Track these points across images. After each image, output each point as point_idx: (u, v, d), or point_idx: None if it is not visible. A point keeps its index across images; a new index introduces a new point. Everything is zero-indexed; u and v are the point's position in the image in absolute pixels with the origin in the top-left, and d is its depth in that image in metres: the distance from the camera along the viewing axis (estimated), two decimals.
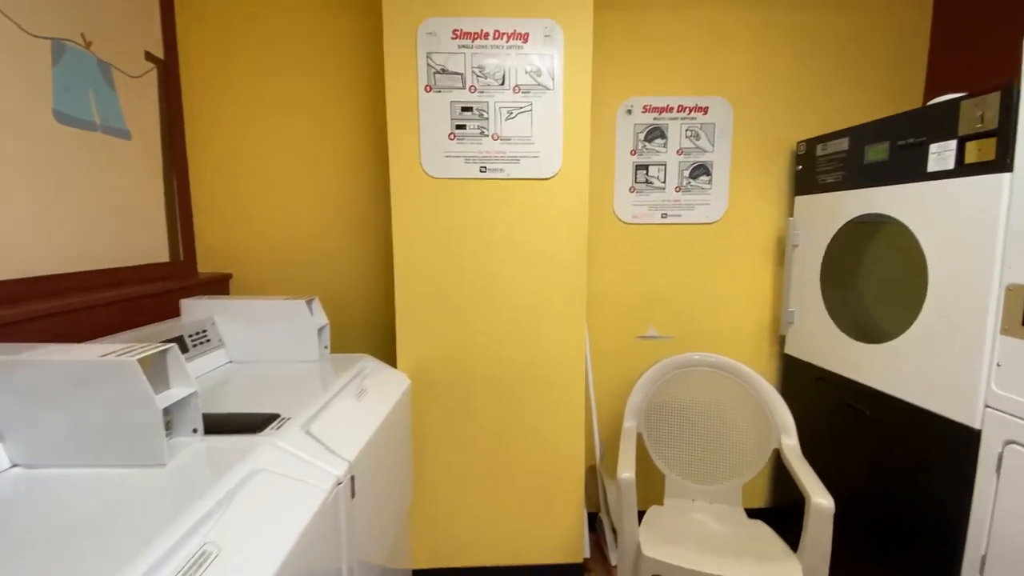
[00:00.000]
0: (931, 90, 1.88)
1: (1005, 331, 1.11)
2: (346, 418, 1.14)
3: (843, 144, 1.61)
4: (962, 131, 1.20)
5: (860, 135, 1.53)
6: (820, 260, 1.71)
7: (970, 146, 1.18)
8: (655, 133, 1.85)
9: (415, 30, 1.48)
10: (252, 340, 1.47)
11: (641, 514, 1.53)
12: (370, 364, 1.50)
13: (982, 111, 1.14)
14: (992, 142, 1.13)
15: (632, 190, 1.88)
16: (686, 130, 1.85)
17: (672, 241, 1.92)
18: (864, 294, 1.61)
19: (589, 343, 1.91)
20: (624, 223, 1.91)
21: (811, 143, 1.76)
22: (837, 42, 1.87)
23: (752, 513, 1.61)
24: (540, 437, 1.65)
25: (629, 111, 1.84)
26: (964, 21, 1.76)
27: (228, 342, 1.47)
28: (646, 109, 1.84)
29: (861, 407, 1.54)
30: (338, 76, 1.81)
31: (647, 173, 1.87)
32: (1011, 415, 1.10)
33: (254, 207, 1.86)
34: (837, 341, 1.63)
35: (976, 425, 1.18)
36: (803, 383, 1.82)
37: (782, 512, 1.96)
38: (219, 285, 1.83)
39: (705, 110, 1.85)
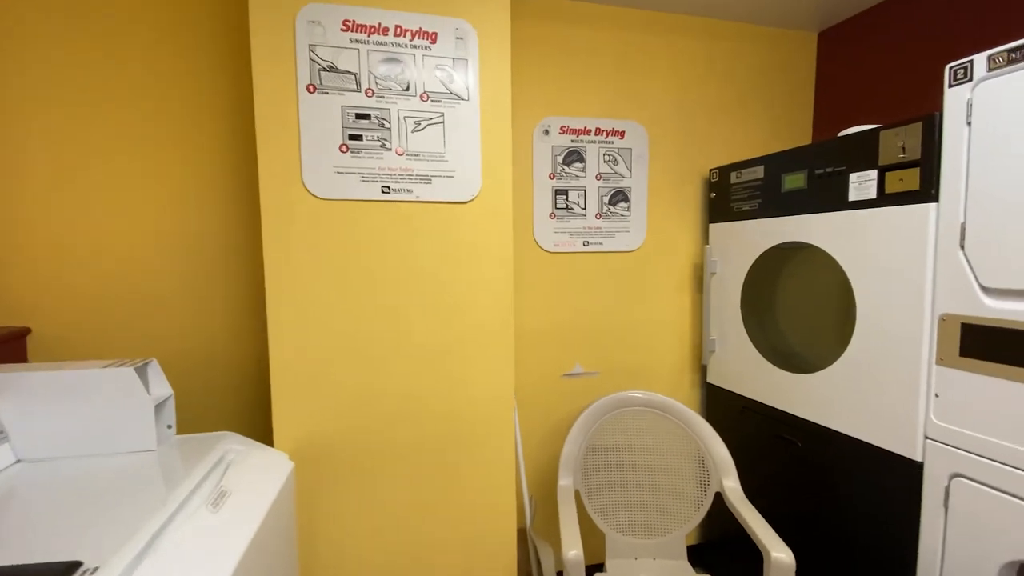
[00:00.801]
0: (818, 126, 2.00)
1: (941, 361, 1.10)
2: (193, 548, 0.77)
3: (758, 172, 1.60)
4: (883, 161, 1.20)
5: (776, 164, 1.53)
6: (740, 288, 1.68)
7: (891, 176, 1.19)
8: (574, 156, 1.72)
9: (294, 16, 1.17)
10: (55, 427, 1.02)
11: None
12: (235, 447, 1.12)
13: (903, 141, 1.15)
14: (915, 172, 1.13)
15: (552, 216, 1.72)
16: (604, 154, 1.75)
17: (595, 270, 1.79)
18: (788, 322, 1.60)
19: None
20: (545, 251, 1.74)
21: (724, 171, 1.75)
22: (748, 73, 1.91)
23: (688, 552, 1.49)
24: (470, 507, 1.37)
25: (546, 131, 1.69)
26: (843, 59, 1.90)
27: (15, 432, 1.00)
28: (564, 130, 1.71)
29: (792, 438, 1.50)
30: (189, 66, 1.42)
31: (567, 198, 1.73)
32: (954, 447, 1.08)
33: (64, 234, 1.37)
34: (762, 370, 1.59)
35: (918, 458, 1.15)
36: (728, 413, 1.77)
37: (715, 545, 1.89)
38: (9, 346, 1.30)
39: (622, 134, 1.76)
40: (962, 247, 1.05)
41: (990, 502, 1.01)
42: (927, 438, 1.13)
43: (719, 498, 1.46)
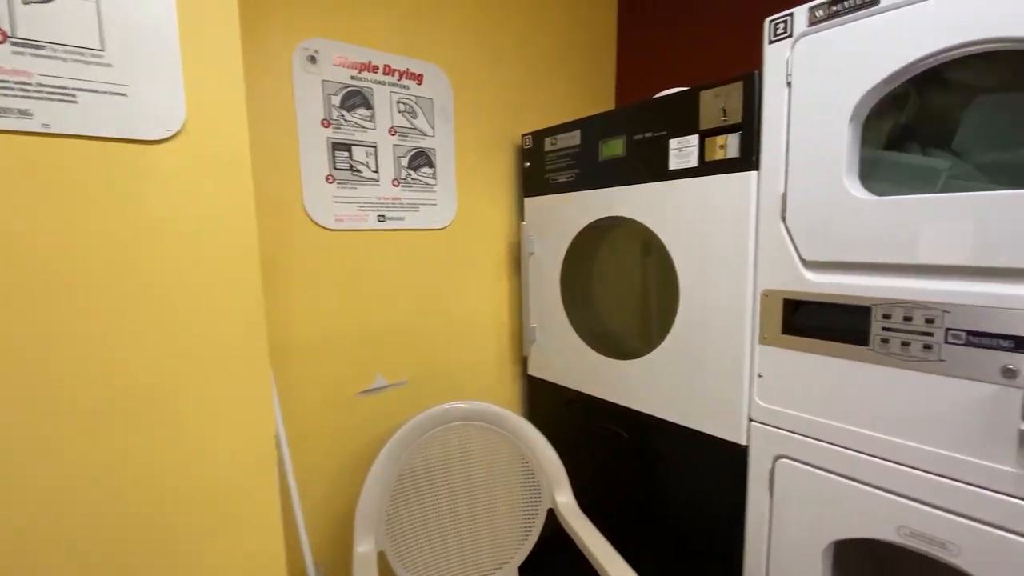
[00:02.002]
0: (621, 89, 1.95)
1: (764, 340, 1.05)
2: None
3: (574, 138, 1.42)
4: (704, 125, 1.10)
5: (593, 128, 1.36)
6: (559, 269, 1.51)
7: (710, 142, 1.09)
8: (357, 99, 1.29)
9: None
10: None
11: None
12: None
13: (724, 103, 1.05)
14: (736, 137, 1.04)
15: (331, 180, 1.27)
16: (399, 102, 1.36)
17: (395, 254, 1.41)
18: (611, 305, 1.48)
19: (282, 422, 1.20)
20: (324, 229, 1.28)
21: (538, 136, 1.54)
22: (562, 27, 1.72)
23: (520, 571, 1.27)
24: None
25: (313, 58, 1.22)
26: (645, 21, 1.86)
27: None
28: (341, 62, 1.26)
29: (618, 430, 1.38)
30: None
31: (350, 156, 1.29)
32: (777, 428, 1.04)
33: None
34: (587, 359, 1.45)
35: (742, 441, 1.10)
36: (551, 407, 1.61)
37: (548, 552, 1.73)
38: None
39: (420, 78, 1.40)
40: (783, 219, 0.99)
41: (813, 482, 0.98)
42: (751, 420, 1.08)
43: (552, 515, 1.26)
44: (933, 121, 0.92)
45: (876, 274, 0.88)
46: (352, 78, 1.28)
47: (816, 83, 0.92)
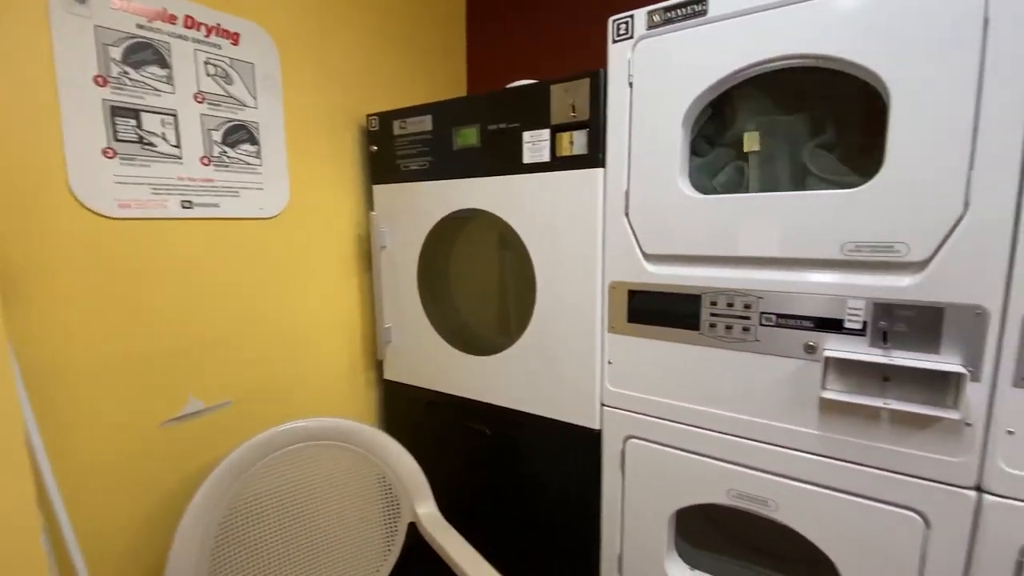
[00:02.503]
0: (472, 76, 1.89)
1: (612, 329, 1.09)
2: None
3: (425, 123, 1.33)
4: (555, 119, 1.09)
5: (445, 114, 1.29)
6: (415, 264, 1.41)
7: (561, 137, 1.09)
8: (147, 54, 1.02)
9: None
10: None
11: None
12: None
13: (573, 99, 1.06)
14: (584, 134, 1.06)
15: (111, 154, 0.98)
16: (207, 63, 1.12)
17: (208, 248, 1.15)
18: (472, 300, 1.42)
19: (51, 477, 0.89)
20: (101, 216, 0.99)
21: (386, 118, 1.41)
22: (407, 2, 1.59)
23: None
24: None
25: None
26: (495, 3, 1.83)
27: None
28: (122, 5, 0.98)
29: (481, 427, 1.35)
30: None
31: (139, 125, 1.02)
32: (627, 411, 1.09)
33: None
34: (446, 357, 1.38)
35: (596, 426, 1.14)
36: (411, 411, 1.51)
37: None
38: None
39: (236, 38, 1.16)
40: (627, 215, 1.03)
41: (657, 457, 1.06)
42: (604, 405, 1.13)
43: (414, 529, 1.17)
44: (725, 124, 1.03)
45: (705, 265, 0.97)
46: (140, 27, 1.00)
47: (654, 85, 0.96)
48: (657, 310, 1.02)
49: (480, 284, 1.40)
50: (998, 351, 0.73)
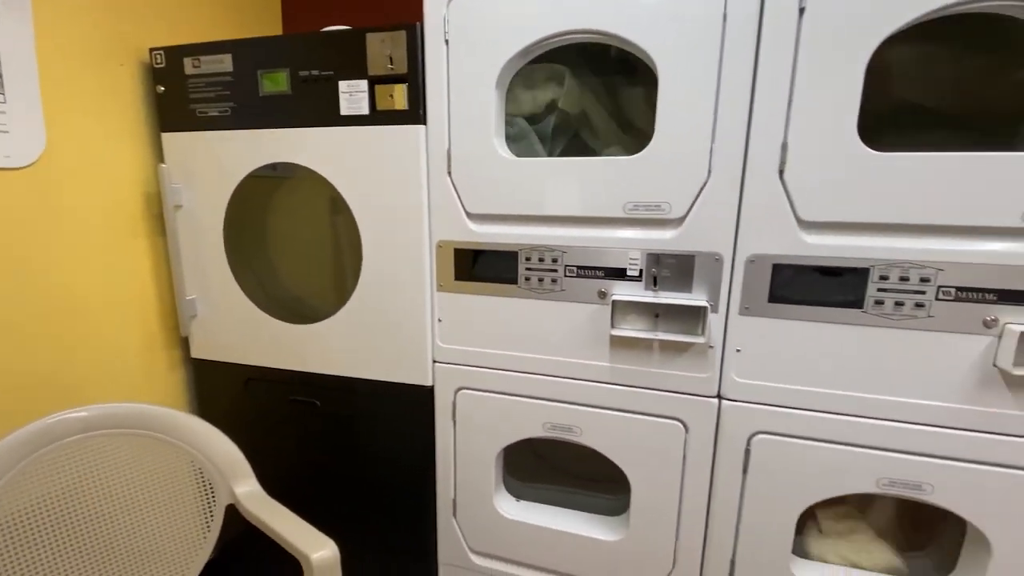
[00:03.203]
0: (288, 17, 1.70)
1: (441, 287, 1.12)
2: None
3: (225, 63, 1.16)
4: (372, 71, 1.05)
5: (248, 54, 1.14)
6: (221, 225, 1.25)
7: (380, 90, 1.06)
8: None
9: None
10: None
11: None
12: None
13: (390, 50, 1.03)
14: (403, 88, 1.04)
15: None
16: None
17: None
18: (291, 264, 1.32)
19: None
20: None
21: (175, 54, 1.20)
22: None
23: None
24: None
25: None
26: None
27: None
28: None
29: (310, 399, 1.29)
30: None
31: None
32: (457, 364, 1.15)
33: None
34: (266, 328, 1.27)
35: (429, 383, 1.18)
36: (228, 391, 1.37)
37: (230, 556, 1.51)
38: None
39: None
40: (449, 173, 1.05)
41: (485, 403, 1.14)
42: (435, 362, 1.17)
43: (234, 511, 1.08)
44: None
45: (521, 224, 1.04)
46: None
47: (469, 45, 0.98)
48: (481, 267, 1.08)
49: (302, 247, 1.30)
50: (729, 288, 0.94)
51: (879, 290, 0.85)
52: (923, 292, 0.84)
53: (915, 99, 0.94)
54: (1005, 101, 0.91)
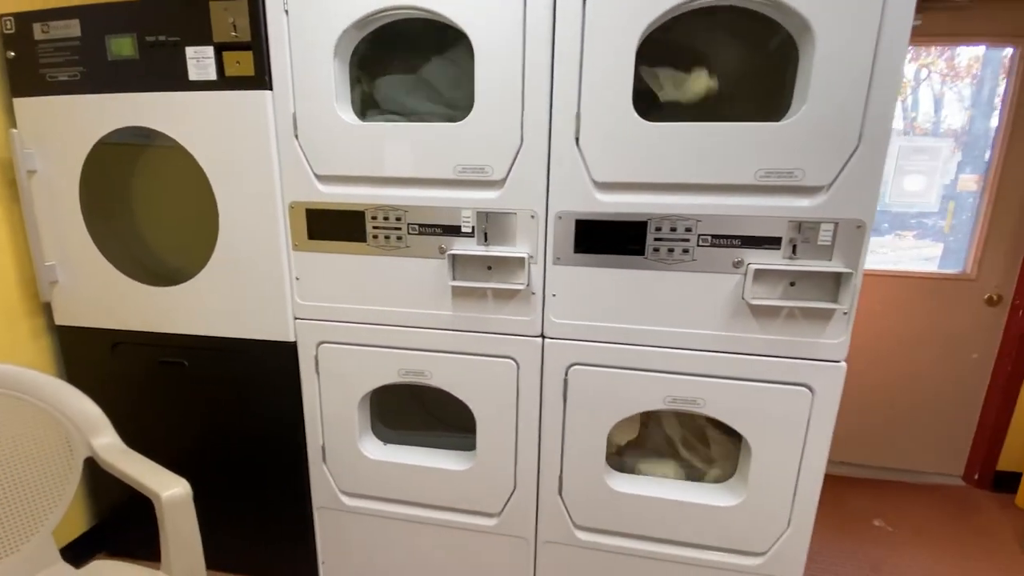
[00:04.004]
0: None
1: (296, 247, 1.20)
2: None
3: (74, 28, 1.16)
4: (217, 37, 1.10)
5: (96, 19, 1.15)
6: (76, 190, 1.26)
7: (228, 56, 1.11)
8: None
9: None
10: None
11: None
12: None
13: (233, 17, 1.08)
14: (249, 55, 1.09)
15: None
16: None
17: None
18: (152, 227, 1.34)
19: None
20: None
21: (24, 20, 1.18)
22: None
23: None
24: None
25: None
26: None
27: None
28: None
29: (178, 360, 1.33)
30: None
31: None
32: (317, 320, 1.23)
33: None
34: (129, 292, 1.30)
35: (291, 338, 1.26)
36: (96, 356, 1.38)
37: (117, 520, 1.54)
38: None
39: None
40: (296, 137, 1.12)
41: (345, 354, 1.23)
42: (296, 318, 1.25)
43: (94, 465, 1.12)
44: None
45: (365, 185, 1.14)
46: None
47: (307, 16, 1.05)
48: (331, 227, 1.17)
49: (160, 209, 1.33)
50: (545, 241, 1.09)
51: (656, 239, 1.03)
52: (687, 240, 1.02)
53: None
54: (760, 81, 1.10)
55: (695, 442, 1.26)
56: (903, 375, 2.02)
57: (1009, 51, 1.76)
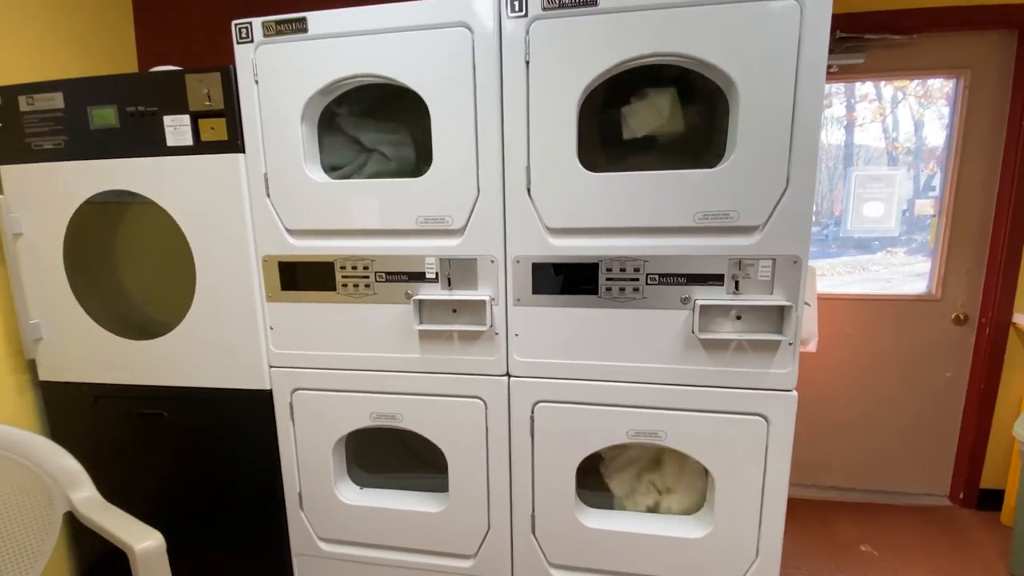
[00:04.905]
0: (144, 57, 1.78)
1: (270, 298, 1.25)
2: None
3: (57, 100, 1.24)
4: (193, 107, 1.17)
5: (78, 92, 1.23)
6: (61, 251, 1.31)
7: (203, 123, 1.18)
8: None
9: None
10: None
11: None
12: None
13: (207, 89, 1.16)
14: (222, 122, 1.17)
15: None
16: None
17: None
18: (132, 284, 1.39)
19: None
20: None
21: (9, 93, 1.26)
22: None
23: None
24: None
25: None
26: None
27: None
28: None
29: (158, 411, 1.36)
30: None
31: None
32: (290, 367, 1.27)
33: None
34: (110, 347, 1.34)
35: (266, 386, 1.29)
36: (78, 410, 1.41)
37: (95, 571, 1.53)
38: None
39: None
40: (268, 195, 1.19)
41: (320, 400, 1.27)
42: (271, 367, 1.28)
43: (75, 519, 1.14)
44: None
45: (334, 238, 1.20)
46: None
47: (275, 85, 1.13)
48: (302, 278, 1.22)
49: (140, 267, 1.39)
50: (505, 284, 1.14)
51: (607, 279, 1.08)
52: (637, 279, 1.07)
53: (630, 131, 1.18)
54: (693, 132, 1.18)
55: (653, 468, 1.28)
56: (880, 397, 2.05)
57: (951, 83, 1.87)
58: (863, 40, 1.79)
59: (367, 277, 1.19)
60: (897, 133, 2.02)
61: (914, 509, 2.02)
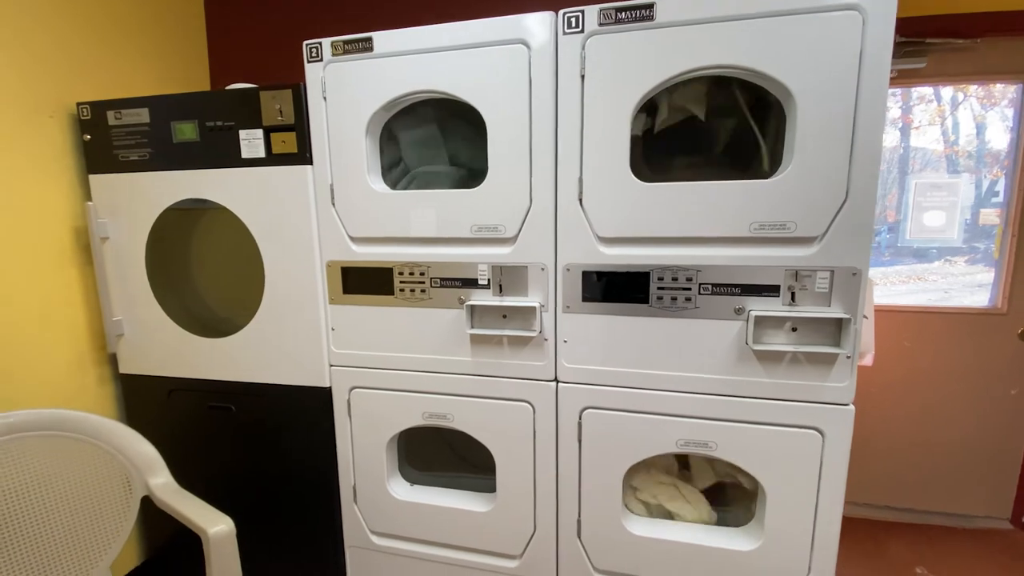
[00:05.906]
0: (217, 73, 1.91)
1: (332, 301, 1.32)
2: None
3: (143, 116, 1.36)
4: (266, 122, 1.26)
5: (163, 108, 1.34)
6: (143, 254, 1.42)
7: (275, 137, 1.27)
8: None
9: None
10: None
11: None
12: None
13: (280, 104, 1.24)
14: (292, 136, 1.25)
15: None
16: None
17: None
18: (206, 286, 1.50)
19: None
20: None
21: (99, 108, 1.39)
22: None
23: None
24: None
25: None
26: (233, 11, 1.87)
27: None
28: None
29: (226, 404, 1.45)
30: None
31: None
32: (349, 367, 1.34)
33: None
34: (184, 343, 1.44)
35: (326, 384, 1.36)
36: (154, 401, 1.52)
37: (167, 555, 1.64)
38: None
39: None
40: (333, 204, 1.26)
41: (374, 399, 1.33)
42: (331, 365, 1.35)
43: (146, 503, 1.24)
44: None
45: (393, 245, 1.25)
46: None
47: (342, 101, 1.20)
48: (362, 282, 1.28)
49: (213, 269, 1.49)
50: (555, 291, 1.17)
51: (659, 288, 1.09)
52: (689, 289, 1.08)
53: (684, 141, 1.19)
54: (742, 144, 1.18)
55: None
56: (939, 414, 1.96)
57: (1015, 86, 1.78)
58: (925, 44, 1.73)
59: (423, 283, 1.24)
60: (957, 136, 1.94)
61: (973, 532, 1.92)
